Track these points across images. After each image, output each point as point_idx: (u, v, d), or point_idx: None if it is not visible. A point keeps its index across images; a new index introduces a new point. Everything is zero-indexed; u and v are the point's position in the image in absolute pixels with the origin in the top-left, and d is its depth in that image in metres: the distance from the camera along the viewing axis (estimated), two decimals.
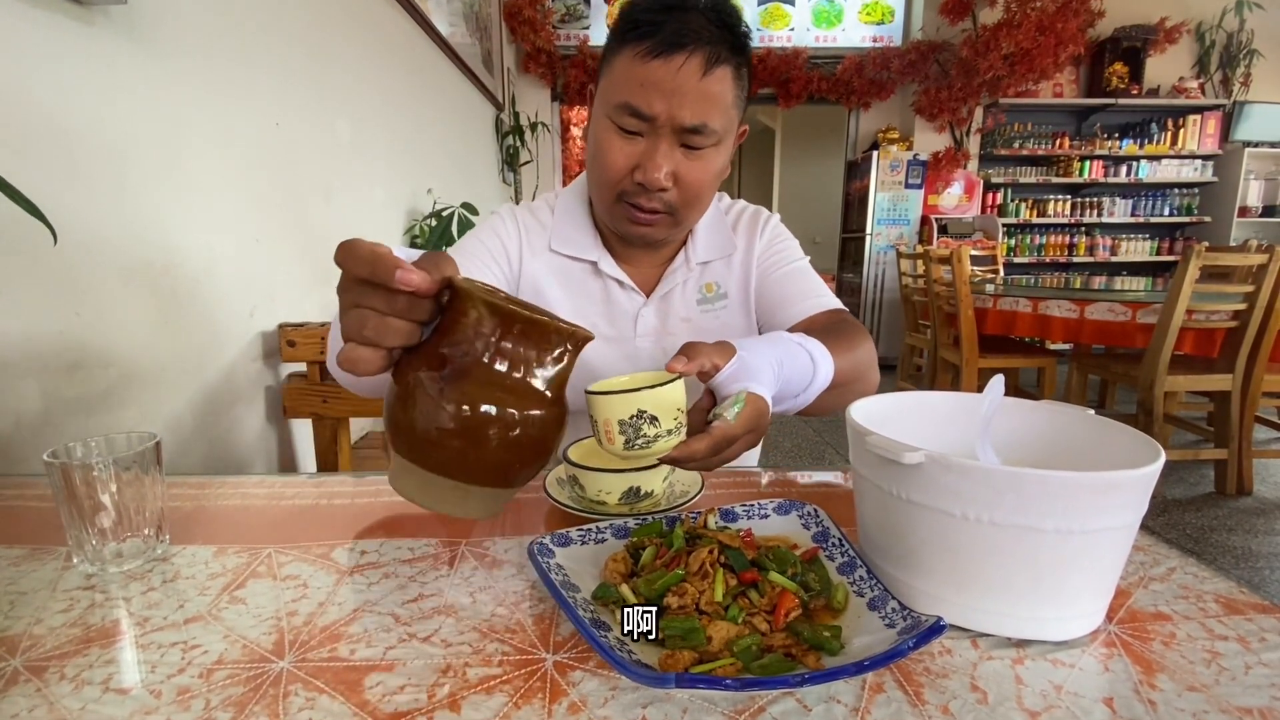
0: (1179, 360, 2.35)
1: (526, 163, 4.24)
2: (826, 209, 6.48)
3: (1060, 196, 5.01)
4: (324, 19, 1.68)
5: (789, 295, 0.81)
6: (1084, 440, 0.48)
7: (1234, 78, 4.80)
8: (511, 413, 0.40)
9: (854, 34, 4.78)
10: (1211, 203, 4.98)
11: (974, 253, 4.30)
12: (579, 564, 0.47)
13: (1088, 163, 4.90)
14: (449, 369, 0.39)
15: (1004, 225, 4.84)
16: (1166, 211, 5.00)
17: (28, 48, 0.84)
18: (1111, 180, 4.95)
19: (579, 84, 4.63)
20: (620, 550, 0.47)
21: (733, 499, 0.62)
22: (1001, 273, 4.43)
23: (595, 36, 4.68)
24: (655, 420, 0.49)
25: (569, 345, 0.42)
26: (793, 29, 4.76)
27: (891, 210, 4.71)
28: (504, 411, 0.40)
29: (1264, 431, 3.10)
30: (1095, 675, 0.37)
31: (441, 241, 2.24)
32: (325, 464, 1.41)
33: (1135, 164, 4.93)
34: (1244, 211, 4.82)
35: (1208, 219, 4.96)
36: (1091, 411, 0.48)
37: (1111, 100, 4.71)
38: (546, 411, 0.42)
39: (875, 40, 4.77)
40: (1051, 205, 4.96)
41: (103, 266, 0.95)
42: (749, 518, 0.53)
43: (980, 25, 4.33)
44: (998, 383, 0.47)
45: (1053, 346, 3.31)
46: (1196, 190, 5.01)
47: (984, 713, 0.34)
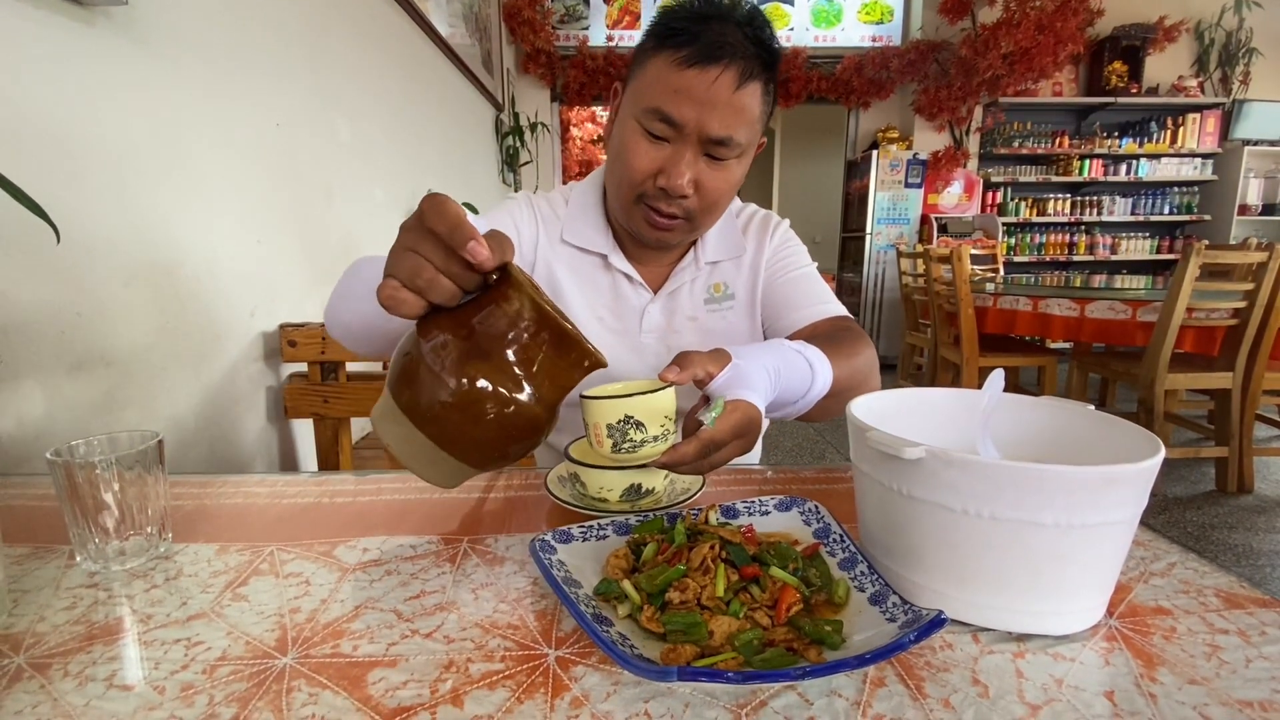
0: (1179, 358, 2.35)
1: (526, 163, 4.24)
2: (826, 208, 6.48)
3: (1060, 195, 5.01)
4: (324, 20, 1.68)
5: (794, 300, 0.82)
6: (1084, 435, 0.48)
7: (1233, 76, 4.80)
8: (510, 405, 0.41)
9: (853, 33, 4.78)
10: (1211, 201, 4.98)
11: (974, 252, 4.31)
12: (581, 560, 0.47)
13: (1087, 161, 4.90)
14: (473, 343, 0.41)
15: (1004, 224, 4.84)
16: (1166, 210, 5.00)
17: (29, 49, 0.84)
18: (1111, 179, 4.96)
19: (578, 84, 4.63)
20: (622, 546, 0.47)
21: (733, 495, 0.62)
22: (1001, 272, 4.43)
23: (594, 37, 4.68)
24: (641, 426, 0.50)
25: (585, 364, 0.44)
26: (792, 29, 4.76)
27: (891, 209, 4.71)
28: (505, 401, 0.41)
29: (1264, 429, 3.10)
30: (1096, 669, 0.37)
31: None
32: (327, 464, 1.41)
33: (1135, 162, 4.93)
34: (1244, 210, 4.83)
35: (1207, 217, 4.96)
36: (1091, 407, 0.48)
37: (1111, 99, 4.71)
38: (541, 415, 0.43)
39: (874, 40, 4.77)
40: (1051, 204, 4.96)
41: (104, 267, 0.95)
42: (750, 514, 0.53)
43: (979, 24, 4.33)
44: (998, 378, 0.47)
45: (1053, 345, 3.31)
46: (1196, 188, 5.01)
47: (985, 706, 0.34)
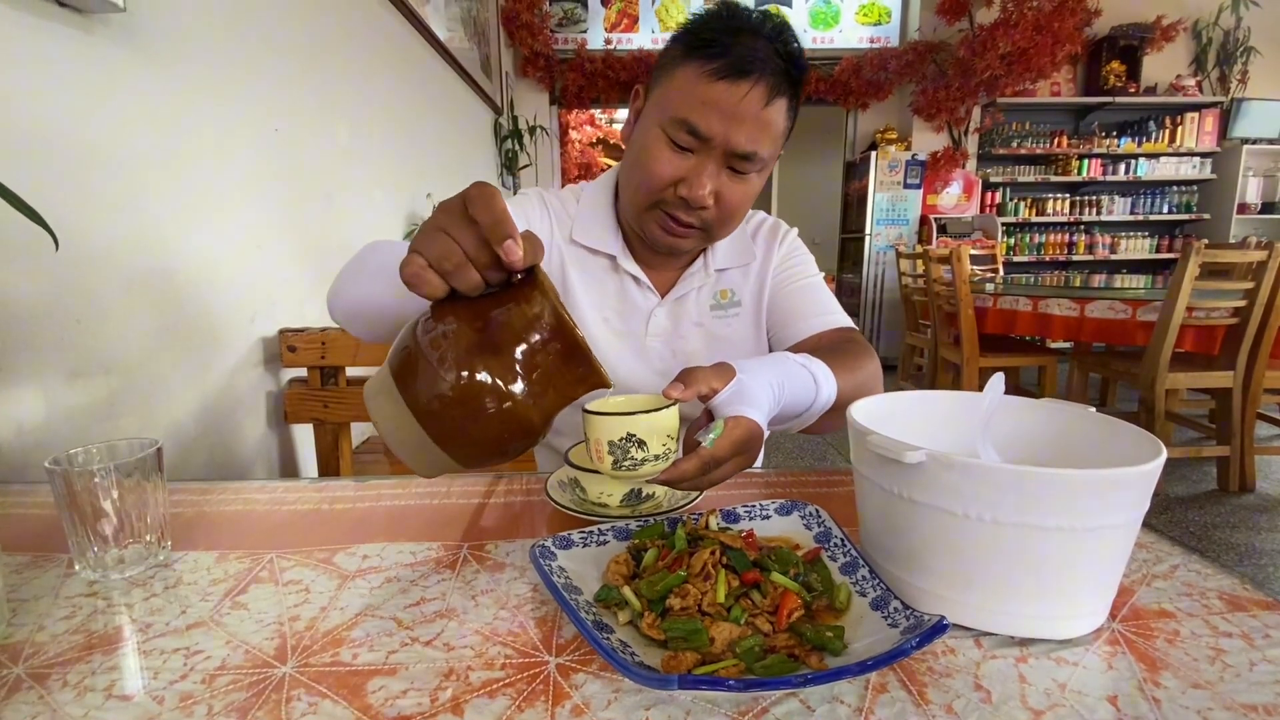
0: (1180, 358, 2.35)
1: (525, 166, 4.24)
2: (825, 210, 6.47)
3: (1059, 195, 5.01)
4: (322, 25, 1.69)
5: (800, 310, 0.82)
6: (1085, 438, 0.47)
7: (1231, 75, 4.81)
8: (508, 403, 0.41)
9: (851, 35, 4.79)
10: (1210, 200, 4.98)
11: (973, 252, 4.30)
12: (581, 566, 0.47)
13: (1086, 161, 4.90)
14: (485, 337, 0.40)
15: (1003, 224, 4.84)
16: (1165, 209, 5.00)
17: (27, 55, 0.84)
18: (1110, 178, 4.96)
19: (577, 88, 4.64)
20: (622, 552, 0.47)
21: (734, 500, 0.62)
22: (1001, 272, 4.43)
23: (593, 40, 4.69)
24: (643, 444, 0.50)
25: (590, 381, 0.44)
26: None
27: (890, 210, 4.71)
28: (503, 398, 0.40)
29: (1266, 428, 3.09)
30: (1099, 673, 0.37)
31: None
32: (327, 469, 1.41)
33: (1134, 162, 4.93)
34: (1243, 208, 4.83)
35: (1207, 216, 4.96)
36: (1092, 409, 0.48)
37: (1109, 99, 4.72)
38: (536, 422, 0.43)
39: (872, 41, 4.78)
40: (1050, 204, 4.97)
41: (104, 273, 0.95)
42: (751, 518, 0.53)
43: (977, 25, 4.33)
44: (998, 381, 0.47)
45: (1053, 345, 3.31)
46: (1195, 187, 5.01)
47: (988, 712, 0.34)
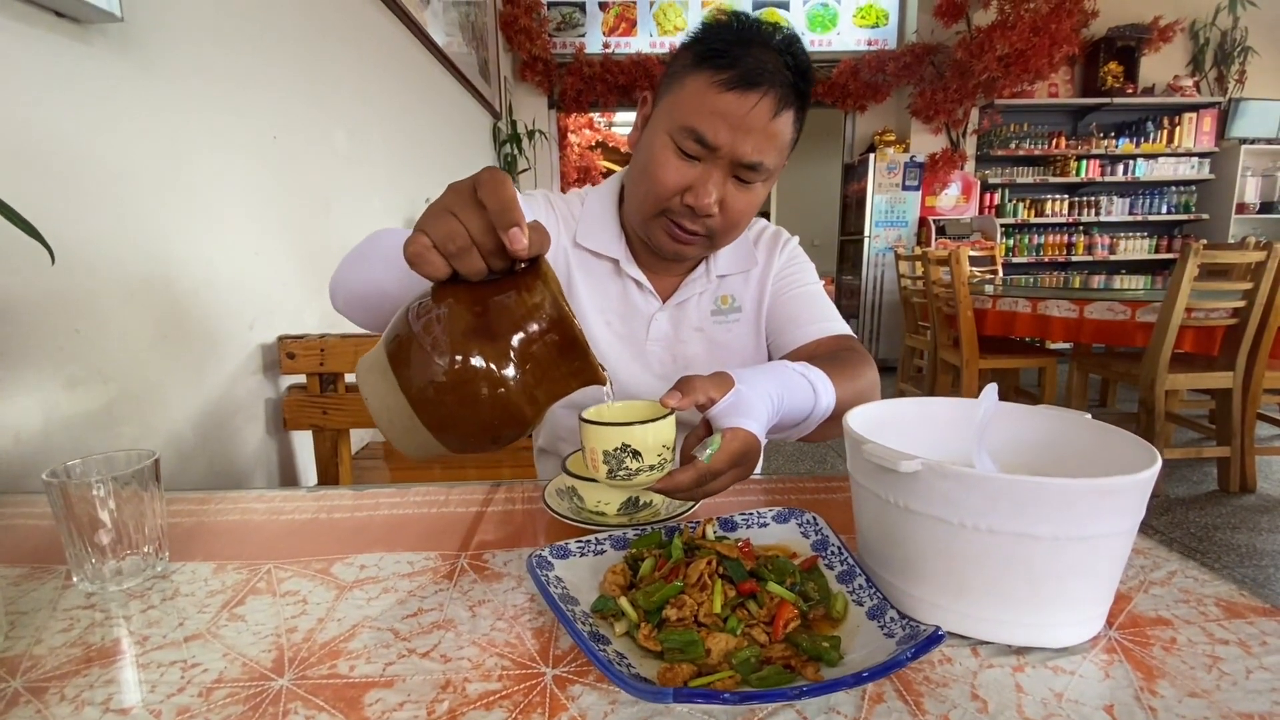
0: (1179, 358, 2.35)
1: (524, 170, 4.25)
2: (824, 212, 6.49)
3: (1058, 196, 5.01)
4: (320, 31, 1.69)
5: (799, 317, 0.83)
6: (1081, 445, 0.48)
7: (1229, 75, 4.81)
8: (501, 390, 0.41)
9: (849, 37, 4.80)
10: (1209, 200, 4.98)
11: (972, 253, 4.31)
12: (578, 576, 0.47)
13: (1084, 162, 4.90)
14: (484, 322, 0.40)
15: (1002, 225, 4.84)
16: (1164, 209, 5.01)
17: (24, 66, 0.84)
18: (1109, 179, 4.96)
19: (575, 91, 4.64)
20: (619, 562, 0.47)
21: (731, 507, 0.62)
22: (1000, 273, 4.43)
23: (591, 44, 4.70)
24: (638, 455, 0.50)
25: (585, 376, 0.44)
26: None
27: (889, 212, 4.71)
28: (496, 385, 0.40)
29: (1266, 429, 3.09)
30: (1096, 682, 0.37)
31: None
32: (326, 476, 1.41)
33: (1132, 162, 4.93)
34: (1241, 208, 4.83)
35: (1205, 216, 4.96)
36: (1088, 415, 0.48)
37: (1107, 99, 4.72)
38: (527, 412, 0.43)
39: (870, 43, 4.79)
40: (1049, 205, 4.97)
41: (101, 282, 0.95)
42: (748, 527, 0.53)
43: (974, 27, 4.34)
44: (991, 390, 0.47)
45: (1053, 346, 3.31)
46: (1194, 188, 5.01)
47: None
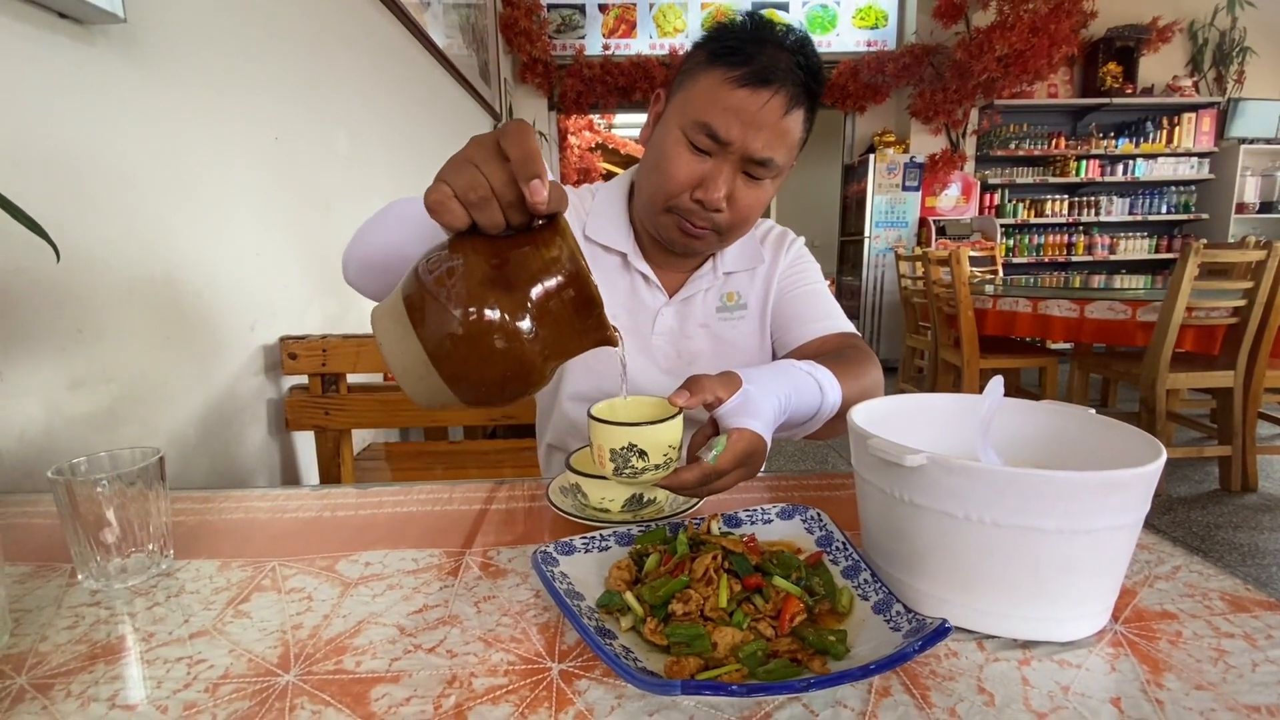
0: (1180, 358, 2.35)
1: None
2: (824, 212, 6.49)
3: (1057, 196, 5.02)
4: (321, 34, 1.70)
5: (804, 315, 0.84)
6: (1085, 440, 0.48)
7: (1228, 75, 4.82)
8: (516, 343, 0.41)
9: (848, 39, 4.80)
10: (1209, 199, 4.98)
11: (972, 254, 4.31)
12: (583, 572, 0.47)
13: (1084, 162, 4.91)
14: (501, 273, 0.41)
15: (1002, 226, 4.84)
16: (1164, 209, 5.01)
17: (28, 67, 0.84)
18: (1108, 179, 4.96)
19: (575, 93, 4.65)
20: (624, 558, 0.47)
21: (736, 504, 0.62)
22: (1000, 273, 4.44)
23: (591, 46, 4.71)
24: (644, 455, 0.51)
25: (598, 335, 0.45)
26: None
27: (889, 213, 4.72)
28: (511, 337, 0.41)
29: (1267, 428, 3.09)
30: (1102, 675, 0.37)
31: None
32: (328, 476, 1.41)
33: (1131, 163, 4.94)
34: (1241, 208, 4.83)
35: (1205, 216, 4.97)
36: (1092, 411, 0.48)
37: (1106, 100, 4.73)
38: (539, 367, 0.43)
39: (869, 44, 4.79)
40: (1049, 205, 4.97)
41: (104, 282, 0.95)
42: (752, 523, 0.53)
43: (973, 28, 4.35)
44: (997, 384, 0.47)
45: (1053, 346, 3.31)
46: (1193, 187, 5.02)
47: (991, 715, 0.34)
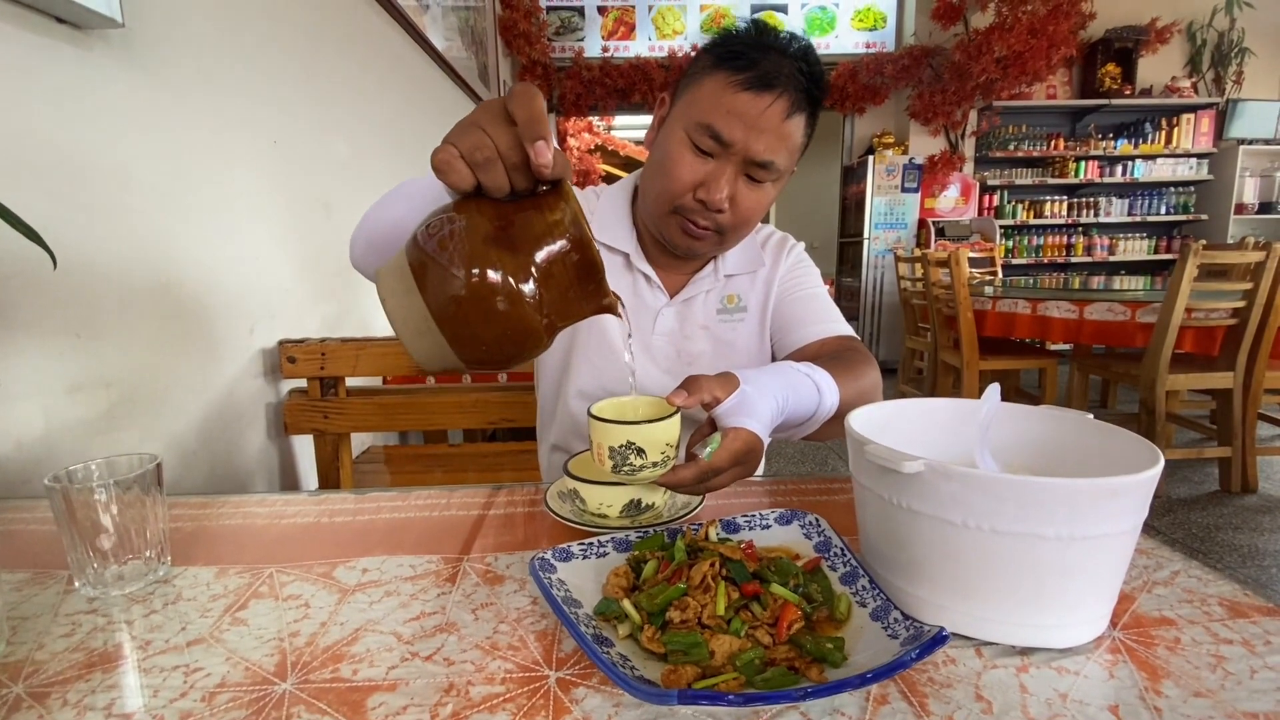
0: (1180, 359, 2.35)
1: None
2: (823, 214, 6.50)
3: (1057, 197, 5.02)
4: (320, 36, 1.70)
5: (803, 318, 0.85)
6: (1083, 445, 0.48)
7: (1226, 76, 4.82)
8: (518, 304, 0.41)
9: (847, 40, 4.81)
10: (1208, 200, 4.99)
11: (972, 255, 4.31)
12: (581, 579, 0.47)
13: (1083, 163, 4.91)
14: (505, 235, 0.41)
15: (1001, 227, 4.85)
16: (1163, 210, 5.01)
17: (25, 72, 0.84)
18: (1107, 180, 4.97)
19: (574, 95, 4.66)
20: (622, 565, 0.47)
21: (734, 509, 0.62)
22: (1000, 274, 4.44)
23: (590, 48, 4.72)
24: (642, 453, 0.52)
25: (600, 301, 0.45)
26: None
27: (888, 214, 4.72)
28: (513, 299, 0.41)
29: (1267, 429, 3.09)
30: (1100, 682, 0.37)
31: None
32: (327, 480, 1.41)
33: (1130, 163, 4.94)
34: (1240, 208, 4.84)
35: (1204, 217, 4.97)
36: (1090, 416, 0.48)
37: (1105, 101, 4.74)
38: (540, 330, 0.43)
39: (868, 46, 4.80)
40: (1048, 206, 4.98)
41: (102, 287, 0.95)
42: (750, 529, 0.53)
43: (972, 29, 4.35)
44: (994, 391, 0.47)
45: (1053, 347, 3.31)
46: (1192, 188, 5.02)
47: None
